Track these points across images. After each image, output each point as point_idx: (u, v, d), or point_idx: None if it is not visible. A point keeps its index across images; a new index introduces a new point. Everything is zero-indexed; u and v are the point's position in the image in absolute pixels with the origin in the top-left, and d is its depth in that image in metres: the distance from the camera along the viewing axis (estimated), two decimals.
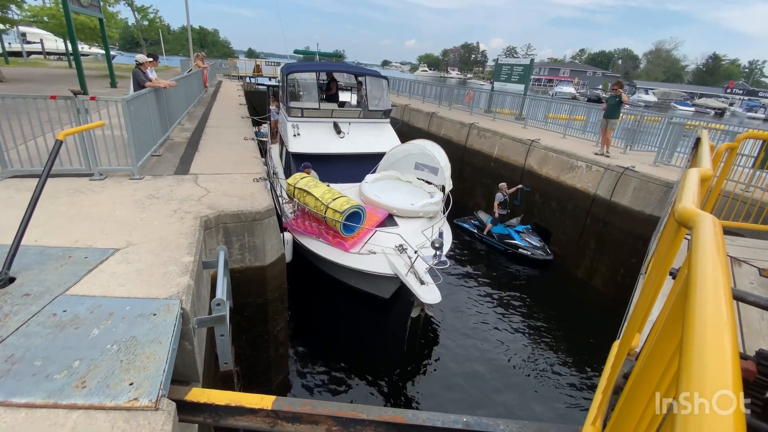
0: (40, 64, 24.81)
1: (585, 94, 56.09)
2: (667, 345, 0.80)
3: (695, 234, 0.81)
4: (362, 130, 8.81)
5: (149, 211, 4.04)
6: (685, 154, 8.70)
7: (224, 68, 29.08)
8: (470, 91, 17.34)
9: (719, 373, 0.41)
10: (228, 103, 13.76)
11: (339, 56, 22.86)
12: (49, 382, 1.94)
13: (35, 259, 2.98)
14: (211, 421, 2.28)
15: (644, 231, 7.47)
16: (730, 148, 3.84)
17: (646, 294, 1.53)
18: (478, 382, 5.94)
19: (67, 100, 4.75)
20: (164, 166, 5.76)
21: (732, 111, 52.50)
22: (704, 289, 0.57)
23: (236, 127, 9.34)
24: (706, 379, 0.40)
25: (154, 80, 6.69)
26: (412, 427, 2.24)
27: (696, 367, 0.42)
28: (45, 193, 4.10)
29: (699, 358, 0.43)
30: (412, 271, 5.12)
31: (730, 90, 70.89)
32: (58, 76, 17.78)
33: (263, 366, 4.99)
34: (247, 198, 4.62)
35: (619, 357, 1.68)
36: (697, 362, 0.43)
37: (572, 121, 12.24)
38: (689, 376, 0.42)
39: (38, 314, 2.39)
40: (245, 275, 4.48)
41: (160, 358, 2.12)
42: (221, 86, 20.03)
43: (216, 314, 2.79)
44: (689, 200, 1.01)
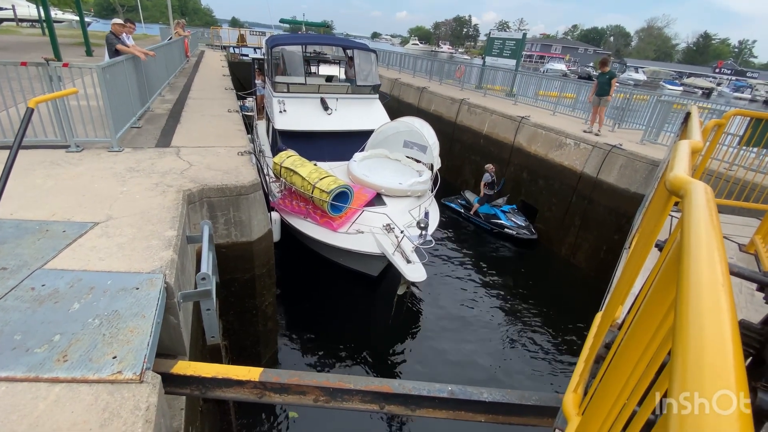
0: (13, 32, 23.43)
1: (576, 71, 55.75)
2: (653, 313, 0.80)
3: (687, 201, 0.79)
4: (350, 106, 8.60)
5: (130, 184, 3.92)
6: (671, 133, 8.77)
7: (207, 38, 27.88)
8: (461, 66, 17.03)
9: (716, 334, 0.40)
10: (211, 74, 13.27)
11: (327, 26, 22.09)
12: (30, 356, 1.90)
13: (11, 232, 2.88)
14: (198, 393, 2.29)
15: (628, 208, 7.59)
16: (718, 125, 3.86)
17: (631, 267, 1.54)
18: (463, 354, 6.11)
19: (39, 67, 4.50)
20: (144, 138, 5.56)
21: (719, 91, 52.86)
22: (699, 254, 0.56)
23: (219, 99, 9.03)
24: (704, 340, 0.39)
25: (131, 46, 6.36)
26: (399, 396, 2.28)
27: (693, 328, 0.41)
28: (20, 166, 3.94)
29: (696, 319, 0.42)
30: (398, 250, 5.14)
31: (718, 70, 71.26)
32: (32, 44, 16.84)
33: (251, 340, 5.01)
34: (231, 172, 4.51)
35: (602, 328, 1.71)
36: (694, 324, 0.42)
37: (562, 99, 12.18)
38: (685, 336, 0.41)
39: (16, 288, 2.32)
40: (232, 250, 4.43)
41: (144, 332, 2.09)
42: (204, 56, 19.26)
43: (201, 288, 2.76)
44: (681, 169, 0.99)
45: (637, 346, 0.87)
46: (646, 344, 0.81)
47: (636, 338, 0.85)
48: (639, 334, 0.85)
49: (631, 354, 0.88)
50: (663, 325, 0.80)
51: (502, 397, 2.27)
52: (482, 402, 2.26)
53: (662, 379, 0.63)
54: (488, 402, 2.25)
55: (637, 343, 0.85)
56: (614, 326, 1.87)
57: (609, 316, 1.65)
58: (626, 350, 0.91)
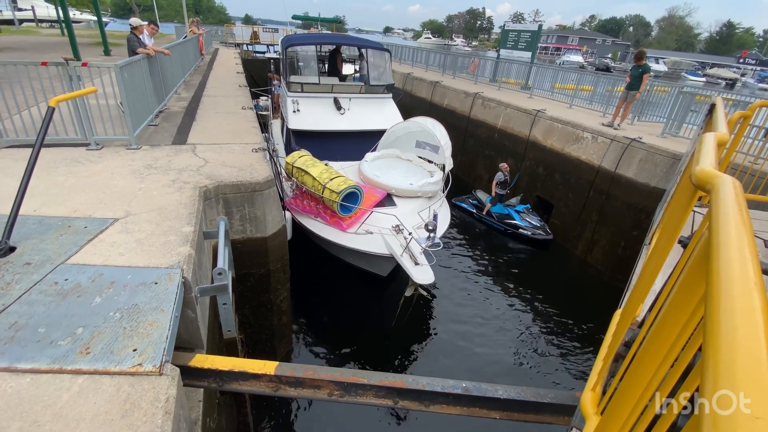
0: (33, 32, 24.08)
1: (593, 63, 54.40)
2: (679, 312, 0.77)
3: (715, 196, 0.76)
4: (363, 106, 8.57)
5: (148, 181, 3.99)
6: (694, 126, 8.49)
7: (221, 35, 28.17)
8: (475, 59, 16.81)
9: (750, 333, 0.38)
10: (225, 72, 13.40)
11: (339, 21, 22.06)
12: (54, 348, 1.96)
13: (35, 228, 2.97)
14: (216, 385, 2.33)
15: (648, 203, 7.40)
16: (744, 116, 3.72)
17: (652, 263, 1.50)
18: (477, 353, 6.07)
19: (59, 66, 4.61)
20: (161, 135, 5.65)
21: (743, 82, 50.96)
22: (729, 251, 0.53)
23: (234, 96, 9.12)
24: (737, 339, 0.37)
25: (149, 47, 6.45)
26: (412, 392, 2.28)
27: (725, 327, 0.39)
28: (42, 163, 4.06)
29: (728, 318, 0.40)
30: (407, 251, 5.12)
31: (742, 60, 68.61)
32: (52, 44, 17.27)
33: (267, 334, 5.08)
34: (246, 168, 4.55)
35: (621, 326, 1.67)
36: (726, 323, 0.40)
37: (579, 91, 11.91)
38: (717, 336, 0.39)
39: (40, 282, 2.39)
40: (247, 246, 4.48)
41: (163, 325, 2.13)
42: (218, 54, 19.46)
43: (218, 283, 2.80)
44: (708, 162, 0.95)
45: (661, 345, 0.85)
46: (672, 343, 0.78)
47: (660, 337, 0.83)
48: (663, 332, 0.83)
49: (655, 353, 0.86)
50: (689, 324, 0.77)
51: (517, 394, 2.24)
52: (497, 399, 2.24)
53: (690, 380, 0.61)
54: (503, 399, 2.24)
55: (662, 341, 0.82)
56: (634, 324, 1.83)
57: (629, 313, 1.61)
58: (649, 349, 0.88)
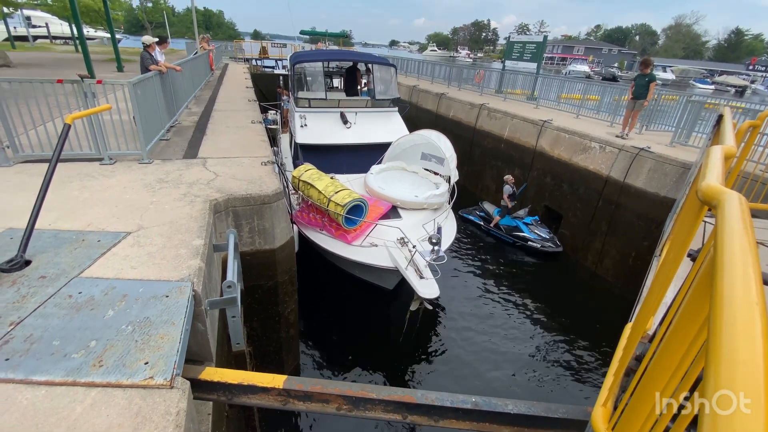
0: (47, 49, 24.82)
1: (600, 72, 54.45)
2: (688, 327, 0.77)
3: (721, 213, 0.77)
4: (369, 119, 8.68)
5: (159, 194, 4.07)
6: (703, 134, 8.43)
7: (230, 51, 28.80)
8: (480, 70, 16.94)
9: (749, 357, 0.38)
10: (235, 87, 13.67)
11: (346, 36, 22.47)
12: (68, 361, 1.99)
13: (50, 242, 3.03)
14: (225, 399, 2.34)
15: (658, 214, 7.32)
16: (753, 126, 3.69)
17: (662, 276, 1.49)
18: (486, 367, 5.98)
19: (74, 84, 4.75)
20: (173, 150, 5.77)
21: (753, 89, 50.53)
22: (732, 270, 0.54)
23: (243, 110, 9.29)
24: (737, 360, 0.38)
25: (160, 63, 6.63)
26: (422, 407, 2.26)
27: (726, 348, 0.40)
28: (57, 178, 4.15)
29: (729, 342, 0.41)
30: (412, 265, 5.09)
31: (752, 67, 68.14)
32: (66, 60, 17.79)
33: (275, 346, 5.08)
34: (255, 181, 4.62)
35: (632, 340, 1.65)
36: (727, 345, 0.41)
37: (586, 101, 11.92)
38: (718, 356, 0.40)
39: (54, 296, 2.44)
40: (255, 258, 4.52)
41: (174, 339, 2.16)
42: (227, 69, 19.87)
43: (227, 296, 2.83)
44: (714, 178, 0.96)
45: (671, 360, 0.84)
46: (680, 358, 0.78)
47: (669, 351, 0.83)
48: (672, 347, 0.83)
49: (665, 367, 0.85)
50: (698, 339, 0.77)
51: (527, 409, 2.22)
52: (507, 414, 2.21)
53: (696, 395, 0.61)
54: (513, 414, 2.21)
55: (671, 356, 0.82)
56: (645, 338, 1.81)
57: (639, 327, 1.59)
58: (660, 363, 0.88)
